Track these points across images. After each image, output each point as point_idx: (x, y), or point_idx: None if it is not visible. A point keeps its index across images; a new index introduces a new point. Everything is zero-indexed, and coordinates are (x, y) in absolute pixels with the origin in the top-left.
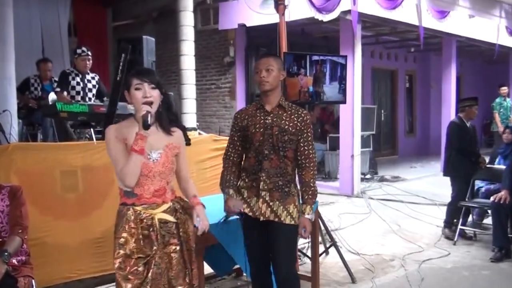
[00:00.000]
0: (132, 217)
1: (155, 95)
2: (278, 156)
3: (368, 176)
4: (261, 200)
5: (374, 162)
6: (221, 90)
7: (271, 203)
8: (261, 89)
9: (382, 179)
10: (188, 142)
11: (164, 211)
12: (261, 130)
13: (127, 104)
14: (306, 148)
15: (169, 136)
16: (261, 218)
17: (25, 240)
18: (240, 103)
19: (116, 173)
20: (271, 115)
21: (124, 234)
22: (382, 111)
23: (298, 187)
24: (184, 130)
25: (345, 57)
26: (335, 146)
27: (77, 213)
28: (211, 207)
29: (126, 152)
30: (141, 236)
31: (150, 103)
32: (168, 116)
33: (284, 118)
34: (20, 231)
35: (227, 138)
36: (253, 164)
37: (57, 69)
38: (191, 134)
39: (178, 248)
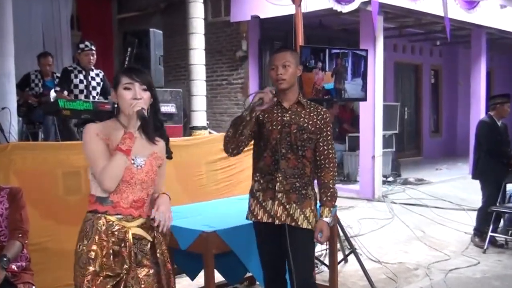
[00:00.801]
0: (104, 228)
1: (145, 97)
2: (296, 156)
3: (390, 179)
4: (277, 202)
5: (396, 164)
6: (232, 86)
7: (287, 206)
8: (278, 88)
9: (406, 182)
10: (169, 155)
11: (140, 226)
12: (279, 127)
13: None
14: (325, 148)
15: (153, 145)
16: (277, 222)
17: (25, 245)
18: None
19: (93, 175)
20: (289, 112)
21: (94, 247)
22: (406, 108)
23: (316, 190)
24: (167, 141)
25: (365, 51)
26: (354, 146)
27: (80, 216)
28: (222, 211)
29: (107, 153)
30: (111, 251)
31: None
32: (154, 122)
33: (303, 115)
34: (20, 235)
35: None
36: (269, 164)
37: (58, 65)
38: (201, 133)
39: (151, 272)
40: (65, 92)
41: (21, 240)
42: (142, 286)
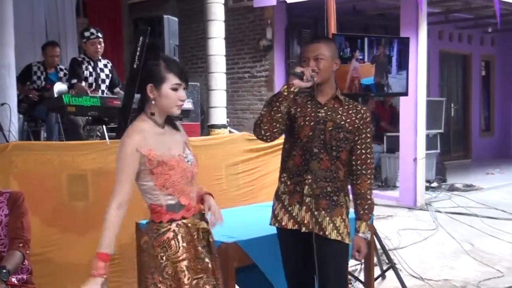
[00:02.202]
0: (186, 234)
1: (185, 97)
2: (329, 157)
3: (434, 184)
4: (304, 208)
5: (442, 167)
6: (256, 79)
7: (316, 213)
8: (310, 84)
9: (452, 188)
10: None
11: (202, 219)
12: (312, 124)
13: None
14: (363, 151)
15: (180, 132)
16: (303, 229)
17: (26, 255)
18: None
19: (116, 195)
20: (325, 108)
21: (186, 255)
22: (452, 104)
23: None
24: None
25: (407, 39)
26: (393, 147)
27: (86, 225)
28: (244, 220)
29: (134, 174)
30: (193, 252)
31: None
32: None
33: (340, 112)
34: (21, 245)
35: None
36: (298, 164)
37: (62, 56)
38: (220, 132)
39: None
40: (83, 83)
41: (22, 250)
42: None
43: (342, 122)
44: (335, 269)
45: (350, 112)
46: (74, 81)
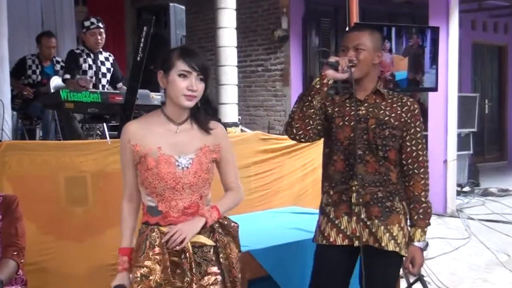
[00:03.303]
0: (158, 241)
1: (201, 88)
2: (376, 158)
3: (466, 189)
4: (354, 218)
5: (474, 170)
6: (270, 73)
7: (368, 222)
8: (346, 76)
9: (486, 193)
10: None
11: (198, 232)
12: (352, 123)
13: (150, 92)
14: (414, 148)
15: (207, 135)
16: (356, 243)
17: (21, 264)
18: (295, 90)
19: (140, 184)
20: (365, 104)
21: (148, 263)
22: (486, 101)
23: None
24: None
25: (436, 28)
26: None
27: (86, 231)
28: (257, 227)
29: (132, 165)
30: (168, 264)
31: (194, 98)
32: (206, 111)
33: (383, 107)
34: (15, 253)
35: (279, 135)
36: (342, 170)
37: (60, 48)
38: (231, 131)
39: (219, 278)
40: (78, 77)
41: (17, 259)
42: None
43: (386, 118)
44: (386, 285)
45: (395, 105)
46: (67, 76)
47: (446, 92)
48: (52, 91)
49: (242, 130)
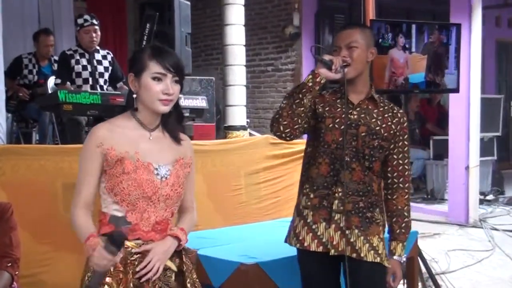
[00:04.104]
0: (121, 256)
1: (177, 91)
2: (362, 167)
3: (490, 197)
4: (333, 226)
5: (499, 177)
6: (281, 73)
7: (347, 232)
8: (339, 76)
9: (511, 202)
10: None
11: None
12: (342, 127)
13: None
14: (400, 162)
15: (178, 146)
16: (332, 252)
17: (15, 276)
18: None
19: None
20: (358, 109)
21: (108, 279)
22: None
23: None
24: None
25: (458, 25)
26: (442, 153)
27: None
28: (266, 238)
29: (99, 173)
30: (131, 286)
31: (169, 102)
32: (176, 117)
33: (375, 115)
34: (9, 264)
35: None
36: (325, 175)
37: (57, 46)
38: (239, 135)
39: None
40: (68, 84)
41: (11, 270)
42: None
43: (377, 128)
44: None
45: (386, 115)
46: (58, 81)
47: (468, 93)
48: (49, 92)
49: (250, 134)
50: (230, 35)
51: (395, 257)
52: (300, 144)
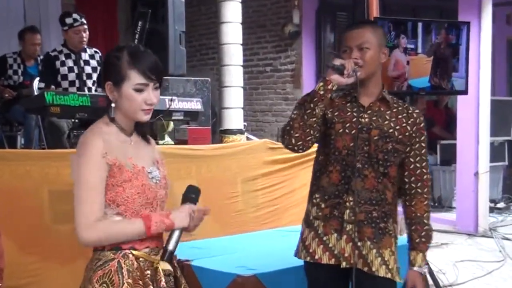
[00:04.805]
0: (135, 268)
1: (158, 97)
2: (375, 174)
3: (501, 205)
4: (345, 237)
5: (510, 183)
6: (280, 74)
7: (359, 244)
8: (352, 81)
9: None
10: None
11: (162, 258)
12: (353, 132)
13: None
14: (418, 165)
15: (151, 147)
16: (344, 264)
17: None
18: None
19: (78, 214)
20: (369, 112)
21: None
22: None
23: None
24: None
25: (467, 24)
26: (449, 158)
27: (72, 252)
28: (264, 248)
29: (105, 184)
30: None
31: (151, 110)
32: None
33: (387, 117)
34: None
35: None
36: (336, 183)
37: (45, 46)
38: (236, 139)
39: None
40: (52, 87)
41: None
42: None
43: (391, 130)
44: None
45: (400, 116)
46: (41, 85)
47: (478, 95)
48: (35, 93)
49: (248, 138)
50: (227, 33)
51: (415, 268)
52: None
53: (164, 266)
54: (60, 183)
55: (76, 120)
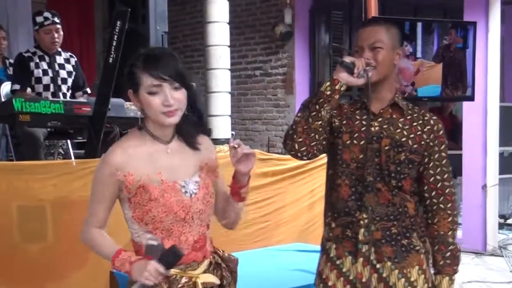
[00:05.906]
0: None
1: (181, 97)
2: (388, 187)
3: (511, 221)
4: (361, 259)
5: None
6: (270, 78)
7: (378, 265)
8: (362, 82)
9: None
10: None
11: (207, 271)
12: (362, 142)
13: (125, 102)
14: (439, 177)
15: (198, 151)
16: None
17: None
18: (300, 99)
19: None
20: (380, 119)
21: None
22: None
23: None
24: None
25: (473, 24)
26: (455, 170)
27: (44, 274)
28: (255, 269)
29: (113, 199)
30: None
31: (175, 112)
32: (192, 118)
33: (400, 125)
34: None
35: (281, 155)
36: (346, 198)
37: (13, 47)
38: (222, 149)
39: None
40: (28, 90)
41: None
42: None
43: (404, 139)
44: None
45: (415, 124)
46: (16, 87)
47: (485, 101)
48: (3, 100)
49: None
50: (213, 34)
51: None
52: (291, 160)
53: (205, 278)
54: (30, 198)
55: (52, 129)
